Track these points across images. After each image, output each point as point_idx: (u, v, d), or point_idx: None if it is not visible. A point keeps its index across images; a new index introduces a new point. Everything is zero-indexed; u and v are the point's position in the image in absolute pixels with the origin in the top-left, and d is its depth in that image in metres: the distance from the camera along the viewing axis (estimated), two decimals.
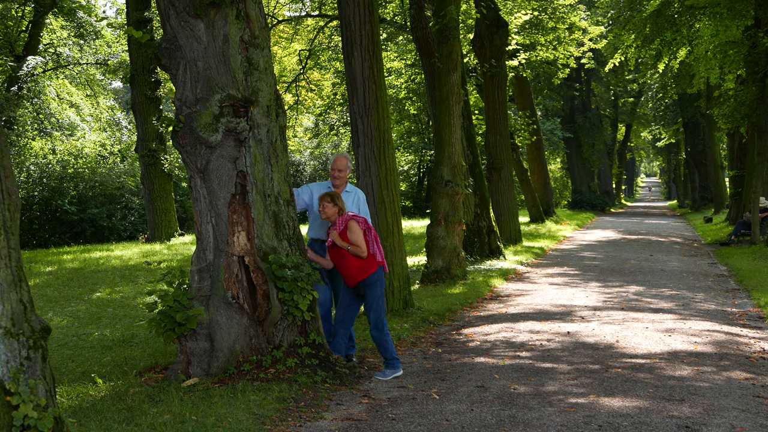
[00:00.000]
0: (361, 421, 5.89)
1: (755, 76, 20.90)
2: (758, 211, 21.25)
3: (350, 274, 7.27)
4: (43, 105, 31.99)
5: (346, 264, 7.24)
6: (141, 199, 27.21)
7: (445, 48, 14.23)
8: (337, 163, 7.91)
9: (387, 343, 7.34)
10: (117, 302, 11.81)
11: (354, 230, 7.21)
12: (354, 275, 7.26)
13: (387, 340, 7.35)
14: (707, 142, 41.10)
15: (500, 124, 22.17)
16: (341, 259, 7.26)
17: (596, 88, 51.05)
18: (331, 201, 7.31)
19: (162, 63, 7.10)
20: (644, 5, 25.62)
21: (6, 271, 4.36)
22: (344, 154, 8.06)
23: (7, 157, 4.50)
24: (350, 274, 7.27)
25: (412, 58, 29.99)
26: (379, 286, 7.37)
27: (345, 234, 7.23)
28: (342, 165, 7.88)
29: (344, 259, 7.24)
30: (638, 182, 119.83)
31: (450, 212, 13.98)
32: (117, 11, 39.12)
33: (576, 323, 10.02)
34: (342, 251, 7.23)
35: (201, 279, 7.00)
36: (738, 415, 5.93)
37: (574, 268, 16.80)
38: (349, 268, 7.25)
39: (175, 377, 6.80)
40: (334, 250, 7.28)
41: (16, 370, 4.34)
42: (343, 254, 7.24)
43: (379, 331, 7.34)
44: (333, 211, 7.31)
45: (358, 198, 8.01)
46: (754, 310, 11.15)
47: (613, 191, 60.37)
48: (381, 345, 7.36)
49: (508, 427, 5.73)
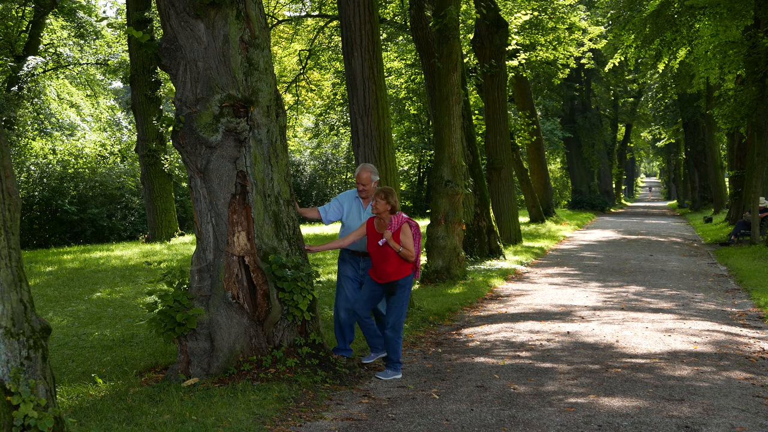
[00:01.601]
0: (361, 421, 5.90)
1: (755, 76, 20.90)
2: (758, 211, 21.25)
3: (388, 272, 7.22)
4: (44, 105, 32.00)
5: (388, 261, 7.19)
6: (141, 199, 27.22)
7: (445, 48, 14.23)
8: (360, 177, 7.79)
9: (398, 345, 7.36)
10: (117, 302, 11.82)
11: (407, 233, 7.20)
12: (391, 273, 7.22)
13: (399, 342, 7.37)
14: (707, 142, 41.10)
15: (500, 124, 22.18)
16: (384, 255, 7.19)
17: (596, 88, 51.06)
18: (384, 198, 7.23)
19: (162, 63, 7.11)
20: (644, 5, 25.63)
21: (6, 271, 4.36)
22: (367, 167, 7.90)
23: (8, 157, 4.50)
24: (388, 272, 7.22)
25: (412, 58, 30.00)
26: (408, 290, 7.40)
27: (398, 235, 7.19)
28: (365, 179, 7.75)
29: (387, 256, 7.19)
30: (638, 182, 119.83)
31: (450, 212, 13.98)
32: (117, 11, 39.14)
33: (576, 323, 10.03)
34: (387, 248, 7.18)
35: (201, 279, 7.00)
36: (738, 415, 5.94)
37: (574, 268, 16.80)
38: (388, 266, 7.20)
39: (175, 377, 6.81)
40: (377, 247, 7.22)
41: (17, 370, 4.35)
42: (387, 252, 7.19)
43: (395, 333, 7.34)
44: (384, 208, 7.22)
45: None
46: (753, 310, 11.15)
47: (613, 191, 60.37)
48: (392, 346, 7.35)
49: (508, 427, 5.74)
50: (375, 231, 7.30)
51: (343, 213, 7.87)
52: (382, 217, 7.26)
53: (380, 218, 7.29)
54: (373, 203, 7.24)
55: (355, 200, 7.84)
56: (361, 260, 7.69)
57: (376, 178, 7.81)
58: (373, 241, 7.26)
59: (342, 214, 7.89)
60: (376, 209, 7.22)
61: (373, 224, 7.33)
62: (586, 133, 48.55)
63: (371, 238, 7.29)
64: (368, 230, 7.34)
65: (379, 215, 7.26)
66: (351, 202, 7.84)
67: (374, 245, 7.25)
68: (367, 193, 7.77)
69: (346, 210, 7.84)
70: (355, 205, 7.83)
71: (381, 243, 7.19)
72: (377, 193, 7.26)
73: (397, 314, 7.36)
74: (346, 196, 7.97)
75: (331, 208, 7.91)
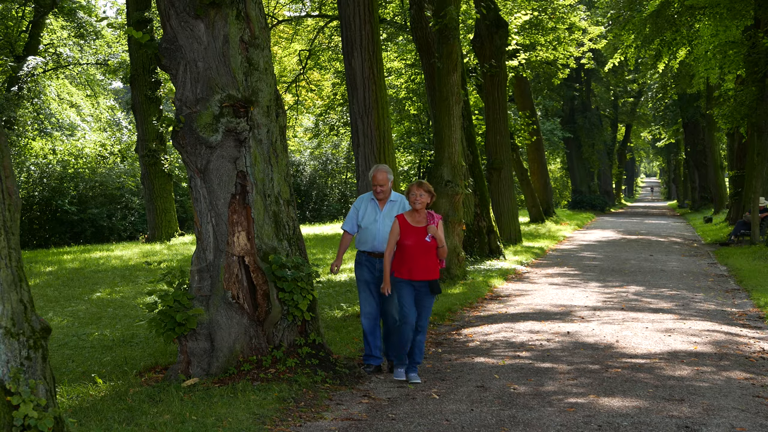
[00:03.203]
0: (361, 421, 5.90)
1: (755, 76, 20.90)
2: (758, 211, 21.25)
3: (430, 267, 7.09)
4: (44, 105, 31.99)
5: (431, 256, 7.08)
6: (141, 199, 27.22)
7: (445, 48, 14.23)
8: (377, 179, 7.64)
9: (423, 347, 7.31)
10: (117, 302, 11.82)
11: (442, 229, 7.14)
12: (433, 268, 7.10)
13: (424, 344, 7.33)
14: (707, 142, 41.10)
15: (500, 124, 22.18)
16: (428, 250, 7.06)
17: (596, 88, 51.05)
18: (427, 191, 7.09)
19: (162, 63, 7.11)
20: (644, 5, 25.62)
21: (6, 271, 4.36)
22: (382, 168, 7.74)
23: (8, 157, 4.50)
24: (430, 267, 7.09)
25: (412, 58, 29.97)
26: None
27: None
28: (381, 180, 7.60)
29: (431, 252, 7.07)
30: (638, 182, 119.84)
31: (450, 212, 13.98)
32: (117, 11, 39.13)
33: (576, 323, 10.03)
34: (434, 245, 7.06)
35: (201, 279, 7.00)
36: (738, 415, 5.94)
37: (573, 268, 16.80)
38: (431, 260, 7.09)
39: (175, 377, 6.81)
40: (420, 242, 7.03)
41: (17, 370, 4.35)
42: (431, 246, 7.06)
43: (423, 335, 7.25)
44: (426, 202, 7.09)
45: (403, 207, 7.66)
46: (753, 310, 11.15)
47: (613, 191, 60.39)
48: (420, 348, 7.23)
49: (508, 427, 5.74)
50: (410, 226, 7.10)
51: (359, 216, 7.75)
52: (420, 211, 7.10)
53: (417, 212, 7.12)
54: (413, 197, 7.05)
55: (370, 201, 7.70)
56: (377, 261, 7.55)
57: (391, 178, 7.72)
58: (411, 236, 7.05)
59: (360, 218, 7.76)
60: (420, 202, 7.04)
61: (405, 220, 7.13)
62: (586, 133, 48.55)
63: (407, 234, 7.07)
64: (402, 227, 7.13)
65: (419, 209, 7.08)
66: (366, 203, 7.70)
67: (415, 241, 7.04)
68: (384, 194, 7.65)
69: (361, 212, 7.71)
70: (371, 207, 7.68)
71: (429, 239, 7.03)
72: (417, 186, 7.08)
73: (427, 316, 7.29)
74: (361, 199, 7.85)
75: (351, 221, 7.79)
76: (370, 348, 7.59)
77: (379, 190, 7.60)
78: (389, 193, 7.69)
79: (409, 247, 7.06)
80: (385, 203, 7.65)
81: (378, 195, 7.64)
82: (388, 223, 7.52)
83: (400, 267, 7.13)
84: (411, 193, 7.09)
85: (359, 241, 7.73)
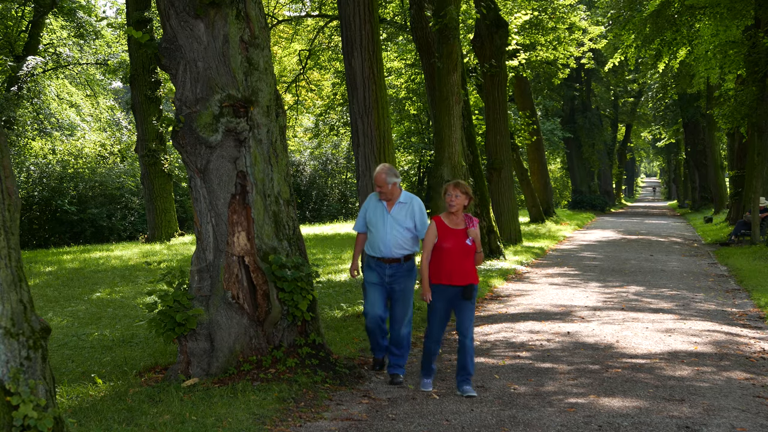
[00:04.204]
0: (361, 421, 5.89)
1: (755, 76, 20.90)
2: (758, 211, 21.24)
3: (468, 270, 6.68)
4: (43, 105, 31.99)
5: (469, 261, 6.69)
6: (141, 199, 27.23)
7: (445, 48, 14.23)
8: (377, 179, 7.22)
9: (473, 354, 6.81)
10: (117, 302, 11.81)
11: (479, 232, 6.79)
12: (470, 271, 6.71)
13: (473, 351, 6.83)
14: (707, 142, 41.10)
15: (500, 124, 22.17)
16: (467, 253, 6.67)
17: (596, 88, 51.06)
18: (464, 192, 6.70)
19: (162, 63, 7.11)
20: (644, 5, 25.63)
21: (6, 271, 4.36)
22: (382, 169, 7.26)
23: (7, 157, 4.50)
24: (468, 270, 6.68)
25: (412, 58, 29.99)
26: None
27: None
28: (380, 181, 7.16)
29: (469, 255, 6.69)
30: (638, 182, 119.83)
31: None
32: (117, 11, 39.12)
33: (576, 323, 10.02)
34: (473, 249, 6.70)
35: (201, 279, 7.00)
36: (738, 416, 5.93)
37: (574, 268, 16.80)
38: (469, 263, 6.68)
39: (175, 377, 6.80)
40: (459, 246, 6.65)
41: (16, 370, 4.34)
42: (470, 250, 6.68)
43: (471, 341, 6.76)
44: (463, 203, 6.70)
45: (412, 209, 7.22)
46: (754, 310, 11.15)
47: (613, 191, 60.39)
48: (471, 357, 6.73)
49: (508, 427, 5.73)
50: (449, 228, 6.71)
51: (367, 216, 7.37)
52: (457, 213, 6.72)
53: (454, 214, 6.73)
54: (449, 198, 6.65)
55: (378, 202, 7.28)
56: (387, 267, 7.15)
57: (393, 180, 7.17)
58: (449, 239, 6.66)
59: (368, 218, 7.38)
60: (456, 204, 6.66)
61: (443, 222, 6.73)
62: (586, 133, 48.56)
63: (446, 237, 6.66)
64: (439, 229, 6.72)
65: (455, 211, 6.70)
66: (375, 203, 7.28)
67: (453, 243, 6.65)
68: (386, 196, 7.21)
69: (369, 212, 7.31)
70: (379, 208, 7.25)
71: (469, 242, 6.67)
72: (453, 186, 6.69)
73: (472, 319, 6.79)
74: (370, 198, 7.47)
75: (360, 220, 7.47)
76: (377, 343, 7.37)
77: (379, 191, 7.23)
78: (397, 195, 7.24)
79: (447, 250, 6.66)
80: (393, 204, 7.22)
81: (381, 197, 7.26)
82: (395, 227, 7.14)
83: (438, 272, 6.70)
84: (447, 193, 6.71)
85: (368, 245, 7.35)
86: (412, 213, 7.20)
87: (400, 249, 7.16)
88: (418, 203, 7.27)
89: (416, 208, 7.22)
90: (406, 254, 7.19)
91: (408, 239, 7.19)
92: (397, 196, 7.24)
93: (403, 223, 7.16)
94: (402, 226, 7.15)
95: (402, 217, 7.17)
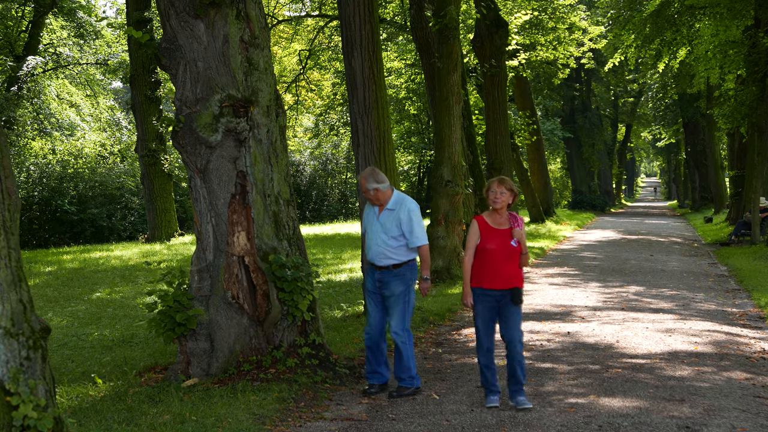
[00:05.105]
0: (361, 421, 5.89)
1: (755, 76, 20.89)
2: (758, 211, 21.24)
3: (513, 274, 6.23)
4: (43, 105, 32.00)
5: (514, 263, 6.24)
6: (141, 199, 27.23)
7: (445, 48, 14.22)
8: (360, 184, 6.99)
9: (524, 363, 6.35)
10: (117, 302, 11.81)
11: (524, 233, 6.31)
12: (515, 275, 6.23)
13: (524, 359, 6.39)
14: (707, 142, 41.10)
15: (500, 124, 22.18)
16: (512, 255, 6.21)
17: (596, 88, 51.07)
18: (509, 189, 6.24)
19: (162, 63, 7.11)
20: (644, 5, 25.63)
21: (6, 271, 4.35)
22: (363, 173, 6.93)
23: (7, 157, 4.49)
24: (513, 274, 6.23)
25: (412, 58, 30.00)
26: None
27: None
28: (362, 186, 6.84)
29: (514, 257, 6.22)
30: (638, 182, 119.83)
31: (450, 212, 13.98)
32: (117, 11, 39.12)
33: (576, 323, 10.02)
34: (518, 250, 6.23)
35: (201, 279, 7.00)
36: (738, 416, 5.93)
37: (574, 268, 16.79)
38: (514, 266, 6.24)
39: (175, 377, 6.80)
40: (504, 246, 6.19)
41: (16, 371, 4.34)
42: (513, 253, 6.21)
43: (520, 347, 6.28)
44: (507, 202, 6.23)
45: (399, 217, 6.72)
46: (754, 310, 11.14)
47: (613, 191, 60.39)
48: (521, 366, 6.25)
49: (508, 427, 5.73)
50: (492, 228, 6.25)
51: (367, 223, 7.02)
52: (501, 212, 6.26)
53: (497, 213, 6.27)
54: (492, 195, 6.17)
55: (371, 206, 6.92)
56: (377, 272, 6.77)
57: (373, 186, 6.74)
58: (493, 240, 6.20)
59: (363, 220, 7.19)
60: (500, 202, 6.19)
61: (485, 221, 6.29)
62: (586, 133, 48.58)
63: (489, 237, 6.22)
64: (482, 229, 6.28)
65: (499, 210, 6.24)
66: (370, 208, 6.93)
67: (498, 244, 6.19)
68: (375, 201, 6.81)
69: (365, 213, 7.03)
70: (371, 212, 6.89)
71: (515, 243, 6.21)
72: (498, 183, 6.22)
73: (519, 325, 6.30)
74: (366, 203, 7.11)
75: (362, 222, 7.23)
76: (371, 365, 6.82)
77: (365, 197, 6.91)
78: (385, 200, 6.79)
79: (491, 251, 6.19)
80: (382, 210, 6.81)
81: (370, 202, 6.90)
82: (380, 235, 6.71)
83: (480, 275, 6.25)
84: (490, 190, 6.23)
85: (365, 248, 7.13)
86: (398, 221, 6.70)
87: (386, 259, 6.70)
88: (407, 208, 6.74)
89: (403, 216, 6.70)
90: (393, 263, 6.71)
91: (395, 248, 6.70)
92: (384, 202, 6.79)
93: (389, 231, 6.69)
94: (387, 235, 6.69)
95: (389, 225, 6.72)
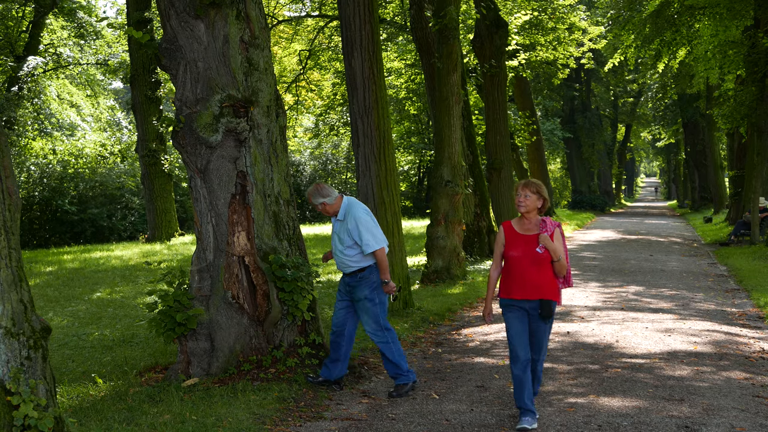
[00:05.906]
0: (361, 421, 5.90)
1: (755, 76, 20.90)
2: (758, 212, 21.24)
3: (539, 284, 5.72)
4: (44, 105, 31.99)
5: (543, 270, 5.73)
6: (141, 199, 27.23)
7: (445, 48, 14.23)
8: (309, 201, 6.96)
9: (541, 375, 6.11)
10: (117, 302, 11.82)
11: (560, 240, 5.79)
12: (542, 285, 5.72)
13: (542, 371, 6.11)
14: (707, 142, 41.09)
15: (500, 124, 22.16)
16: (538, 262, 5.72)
17: (596, 88, 51.07)
18: (536, 192, 5.72)
19: (162, 63, 7.12)
20: (644, 5, 25.62)
21: (6, 271, 4.36)
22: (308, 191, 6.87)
23: (8, 157, 4.50)
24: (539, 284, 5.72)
25: (412, 58, 29.99)
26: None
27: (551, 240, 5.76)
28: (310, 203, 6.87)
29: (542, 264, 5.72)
30: (638, 182, 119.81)
31: (450, 212, 13.98)
32: (117, 11, 39.12)
33: (575, 323, 10.03)
34: (547, 258, 5.72)
35: (201, 279, 7.01)
36: (737, 415, 5.94)
37: (573, 268, 16.80)
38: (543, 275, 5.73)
39: (175, 377, 6.81)
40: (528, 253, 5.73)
41: (17, 370, 4.35)
42: (543, 258, 5.71)
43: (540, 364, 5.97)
44: (534, 205, 5.71)
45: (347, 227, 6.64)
46: (753, 310, 11.15)
47: (613, 191, 60.38)
48: (538, 378, 6.02)
49: (508, 427, 5.74)
50: (517, 234, 5.80)
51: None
52: (528, 217, 5.77)
53: (526, 218, 5.79)
54: (519, 198, 5.74)
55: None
56: (347, 278, 6.74)
57: (319, 200, 6.70)
58: (518, 246, 5.75)
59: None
60: (525, 205, 5.72)
61: (512, 227, 5.84)
62: (586, 133, 48.58)
63: (513, 244, 5.77)
64: (507, 235, 5.84)
65: (526, 214, 5.77)
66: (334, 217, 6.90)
67: (522, 251, 5.73)
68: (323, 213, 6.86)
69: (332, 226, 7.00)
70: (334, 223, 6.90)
71: (540, 249, 5.68)
72: (523, 185, 5.75)
73: (545, 344, 5.92)
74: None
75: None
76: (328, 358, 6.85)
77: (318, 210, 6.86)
78: (334, 212, 6.73)
79: (515, 259, 5.74)
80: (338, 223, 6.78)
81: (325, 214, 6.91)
82: (337, 245, 6.71)
83: (509, 285, 5.80)
84: (516, 193, 5.79)
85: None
86: (348, 230, 6.64)
87: (346, 267, 6.71)
88: (353, 217, 6.63)
89: (351, 225, 6.62)
90: (354, 270, 6.68)
91: (353, 257, 6.66)
92: (335, 213, 6.75)
93: (343, 241, 6.66)
94: (343, 245, 6.67)
95: (342, 236, 6.68)
